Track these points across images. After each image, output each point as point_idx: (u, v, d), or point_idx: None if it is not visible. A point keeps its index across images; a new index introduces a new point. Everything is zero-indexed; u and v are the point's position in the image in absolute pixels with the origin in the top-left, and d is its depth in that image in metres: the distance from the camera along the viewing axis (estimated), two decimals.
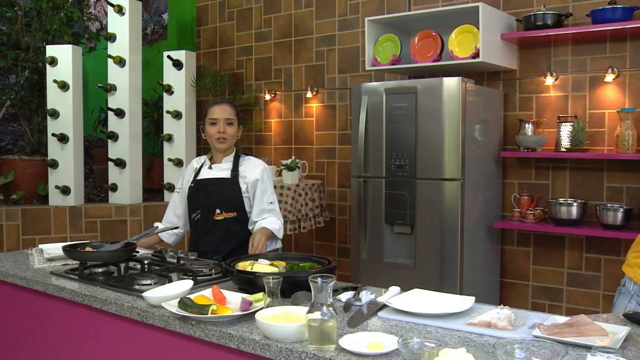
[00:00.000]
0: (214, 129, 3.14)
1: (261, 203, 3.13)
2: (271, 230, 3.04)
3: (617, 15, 3.81)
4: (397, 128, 4.13)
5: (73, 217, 5.17)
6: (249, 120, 5.92)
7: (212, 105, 3.20)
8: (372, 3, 5.14)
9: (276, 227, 3.08)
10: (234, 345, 1.84)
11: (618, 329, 1.79)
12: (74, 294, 2.41)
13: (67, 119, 5.26)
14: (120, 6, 5.41)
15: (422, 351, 1.54)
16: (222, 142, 3.14)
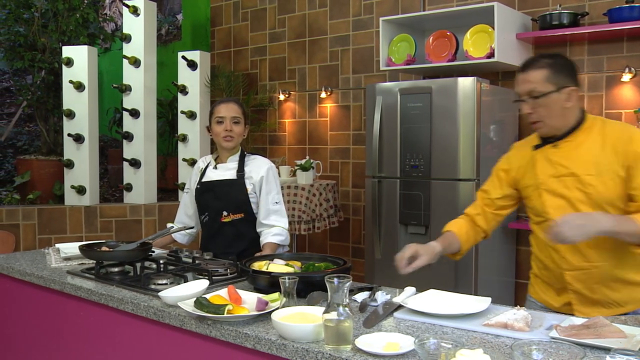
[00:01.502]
0: (220, 127, 3.10)
1: (266, 203, 3.09)
2: (277, 243, 3.04)
3: (635, 14, 3.77)
4: (411, 128, 4.12)
5: (88, 216, 5.20)
6: (263, 120, 5.93)
7: (218, 104, 3.17)
8: (387, 3, 5.14)
9: (282, 238, 3.06)
10: (250, 345, 1.84)
11: (636, 331, 1.77)
12: (91, 293, 2.42)
13: (82, 119, 5.30)
14: (135, 7, 5.44)
15: (439, 352, 1.54)
16: (228, 140, 3.11)
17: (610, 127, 2.25)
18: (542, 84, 2.22)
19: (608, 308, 2.27)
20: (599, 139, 2.23)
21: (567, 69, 2.27)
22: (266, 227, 3.08)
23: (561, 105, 2.23)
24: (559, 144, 2.30)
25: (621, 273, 2.24)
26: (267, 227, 3.07)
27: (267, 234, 3.05)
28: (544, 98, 2.22)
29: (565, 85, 2.23)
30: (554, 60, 2.27)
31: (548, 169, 2.32)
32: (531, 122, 2.31)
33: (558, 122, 2.26)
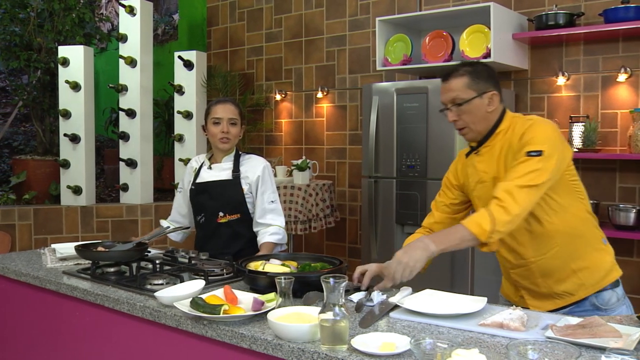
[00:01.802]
0: (217, 128, 3.06)
1: (262, 202, 3.07)
2: (275, 242, 3.03)
3: (630, 15, 3.78)
4: (408, 128, 4.13)
5: (84, 216, 5.20)
6: (259, 120, 5.93)
7: (215, 104, 3.12)
8: (383, 3, 5.14)
9: (279, 237, 3.04)
10: (246, 345, 1.84)
11: (632, 331, 1.77)
12: (86, 294, 2.42)
13: (78, 119, 5.29)
14: (132, 7, 5.44)
15: (435, 352, 1.54)
16: (225, 142, 3.08)
17: (519, 124, 2.29)
18: (464, 91, 2.30)
19: (560, 299, 2.33)
20: (508, 140, 2.29)
21: (486, 75, 2.33)
22: (263, 226, 3.06)
23: (484, 110, 2.30)
24: (480, 150, 2.38)
25: (561, 264, 2.30)
26: (264, 227, 3.06)
27: (264, 233, 3.04)
28: (466, 104, 2.30)
29: (486, 91, 2.30)
30: (473, 67, 2.34)
31: (474, 176, 2.41)
32: (457, 129, 2.38)
33: (482, 126, 2.33)
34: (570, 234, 2.29)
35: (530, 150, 2.17)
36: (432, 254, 2.16)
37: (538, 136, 2.20)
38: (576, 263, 2.29)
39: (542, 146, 2.18)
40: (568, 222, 2.28)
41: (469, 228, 2.14)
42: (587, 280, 2.30)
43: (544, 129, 2.23)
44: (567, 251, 2.29)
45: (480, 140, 2.36)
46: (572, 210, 2.30)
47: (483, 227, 2.12)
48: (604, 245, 2.37)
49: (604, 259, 2.34)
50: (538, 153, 2.16)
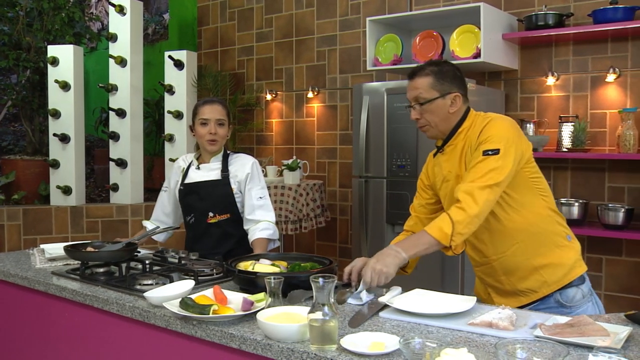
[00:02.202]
0: (204, 129, 3.04)
1: (250, 198, 3.06)
2: (267, 238, 3.01)
3: (619, 15, 3.80)
4: (398, 128, 4.13)
5: (74, 217, 5.17)
6: (250, 120, 5.92)
7: (202, 105, 3.09)
8: (373, 3, 5.14)
9: (270, 232, 3.03)
10: (235, 345, 1.84)
11: (619, 329, 1.78)
12: (75, 294, 2.41)
13: (68, 119, 5.27)
14: (122, 6, 5.42)
15: (424, 351, 1.54)
16: (212, 143, 3.06)
17: (477, 122, 2.33)
18: (427, 90, 2.33)
19: (524, 296, 2.35)
20: (469, 138, 2.32)
21: (452, 75, 2.36)
22: (252, 223, 3.05)
23: (446, 110, 2.34)
24: (444, 149, 2.41)
25: (523, 262, 2.32)
26: (254, 223, 3.04)
27: (254, 230, 3.02)
28: (429, 104, 2.33)
29: (450, 92, 2.33)
30: (439, 67, 2.37)
31: (440, 175, 2.44)
32: (419, 126, 2.41)
33: (444, 126, 2.36)
34: (530, 232, 2.31)
35: (487, 149, 2.21)
36: (403, 260, 2.19)
37: (494, 134, 2.23)
38: (537, 260, 2.32)
39: (498, 144, 2.21)
40: (527, 219, 2.30)
41: (431, 234, 2.17)
42: (550, 277, 2.32)
43: (499, 127, 2.25)
44: (528, 248, 2.32)
45: (445, 139, 2.39)
46: (532, 207, 2.32)
47: (444, 230, 2.15)
48: (568, 242, 2.38)
49: (567, 256, 2.35)
50: (495, 152, 2.19)
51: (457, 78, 2.37)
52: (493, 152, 2.19)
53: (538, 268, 2.32)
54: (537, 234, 2.32)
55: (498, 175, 2.17)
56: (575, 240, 2.41)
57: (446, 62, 2.44)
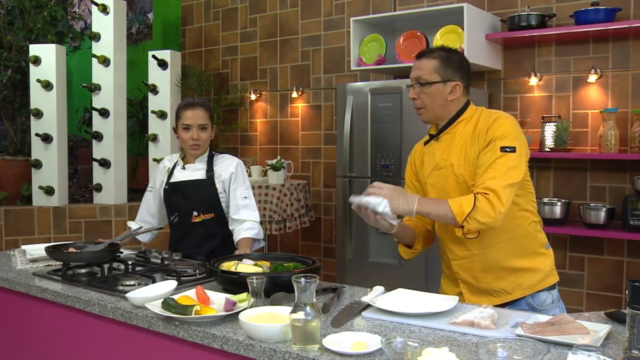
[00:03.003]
0: (187, 134, 3.04)
1: (235, 198, 3.06)
2: (252, 237, 3.01)
3: (600, 17, 3.84)
4: (382, 128, 4.14)
5: (57, 217, 5.13)
6: (234, 120, 5.91)
7: (184, 108, 3.07)
8: (358, 3, 5.15)
9: (255, 232, 3.02)
10: (218, 346, 1.84)
11: (599, 327, 1.80)
12: (57, 295, 2.39)
13: (50, 118, 5.23)
14: (105, 5, 5.38)
15: (406, 351, 1.55)
16: (195, 148, 3.07)
17: (483, 116, 2.34)
18: (430, 73, 2.35)
19: (496, 296, 2.36)
20: (471, 130, 2.33)
21: (457, 65, 2.37)
22: (237, 222, 3.05)
23: (445, 96, 2.35)
24: (440, 137, 2.41)
25: (503, 261, 2.34)
26: (239, 223, 3.04)
27: (239, 230, 3.02)
28: (428, 86, 2.35)
29: (452, 79, 2.34)
30: (448, 54, 2.38)
31: (431, 162, 2.44)
32: (415, 107, 2.43)
33: (440, 112, 2.37)
34: (517, 233, 2.33)
35: (505, 145, 2.21)
36: (409, 211, 2.19)
37: (509, 132, 2.24)
38: (517, 262, 2.34)
39: (514, 142, 2.22)
40: (516, 220, 2.32)
41: (450, 205, 2.17)
42: (526, 281, 2.34)
43: (511, 125, 2.27)
44: (511, 249, 2.33)
45: (442, 127, 2.40)
46: (522, 209, 2.34)
47: (463, 209, 2.15)
48: (546, 250, 2.42)
49: (545, 262, 2.39)
50: (512, 149, 2.20)
51: (462, 68, 2.38)
52: (510, 149, 2.20)
53: (516, 270, 2.34)
54: (522, 236, 2.34)
55: (518, 173, 2.20)
56: (551, 249, 2.45)
57: (455, 51, 2.43)
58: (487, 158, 2.22)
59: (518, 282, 2.34)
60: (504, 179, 2.17)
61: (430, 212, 2.22)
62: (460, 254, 2.41)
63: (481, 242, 2.32)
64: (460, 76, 2.36)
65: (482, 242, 2.32)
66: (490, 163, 2.21)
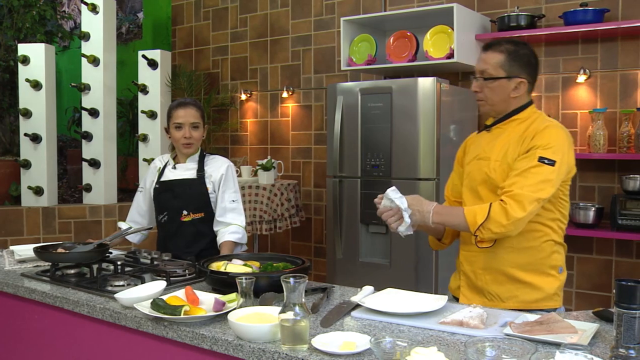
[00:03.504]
0: (179, 133, 3.05)
1: (223, 201, 3.06)
2: (235, 241, 3.01)
3: (589, 17, 3.86)
4: (372, 128, 4.14)
5: (46, 217, 5.11)
6: (225, 120, 5.90)
7: (176, 108, 3.08)
8: (348, 3, 5.15)
9: (239, 236, 3.02)
10: (207, 346, 1.83)
11: (587, 326, 1.81)
12: (45, 296, 2.38)
13: (40, 118, 5.20)
14: (94, 5, 5.36)
15: (394, 350, 1.55)
16: (187, 147, 3.07)
17: (537, 122, 2.30)
18: (495, 68, 2.30)
19: (489, 299, 2.35)
20: (521, 131, 2.29)
21: (525, 61, 2.31)
22: (223, 225, 3.05)
23: (508, 92, 2.30)
24: (492, 129, 2.39)
25: (506, 267, 2.30)
26: (224, 226, 3.04)
27: (224, 232, 3.02)
28: (492, 82, 2.30)
29: (517, 76, 2.29)
30: (516, 48, 2.31)
31: (475, 151, 2.43)
32: (477, 99, 2.40)
33: (500, 107, 2.34)
34: (529, 245, 2.28)
35: (544, 156, 2.16)
36: (425, 223, 2.24)
37: (554, 144, 2.18)
38: (519, 274, 2.29)
39: (555, 156, 2.17)
40: (532, 232, 2.26)
41: (465, 214, 2.18)
42: (523, 295, 2.30)
43: (559, 137, 2.22)
44: (518, 258, 2.29)
45: (496, 121, 2.37)
46: (543, 224, 2.28)
47: (476, 219, 2.15)
48: (557, 273, 2.34)
49: (550, 285, 2.31)
50: (551, 162, 2.15)
51: (529, 65, 2.32)
52: (549, 162, 2.15)
53: (516, 280, 2.29)
54: (534, 250, 2.29)
55: (549, 189, 2.15)
56: (564, 273, 2.37)
57: (526, 45, 2.36)
58: (523, 164, 2.19)
59: (515, 293, 2.30)
60: (531, 191, 2.13)
61: (446, 222, 2.24)
62: (470, 246, 2.36)
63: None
64: (527, 73, 2.31)
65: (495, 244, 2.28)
66: (524, 170, 2.17)
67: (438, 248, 2.64)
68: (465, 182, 2.43)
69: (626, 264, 4.03)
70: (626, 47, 4.00)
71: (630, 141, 3.89)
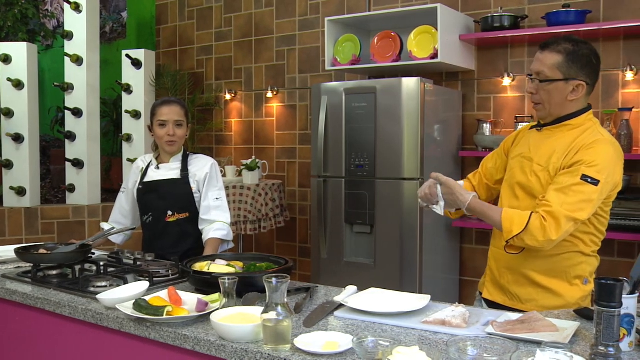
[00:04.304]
0: (163, 131, 3.04)
1: (207, 199, 3.05)
2: (220, 238, 3.00)
3: (571, 18, 3.89)
4: (356, 128, 4.15)
5: (29, 218, 5.07)
6: (209, 120, 5.88)
7: (160, 105, 3.08)
8: (333, 3, 5.15)
9: (224, 233, 3.01)
10: (189, 347, 1.83)
11: (568, 325, 1.82)
12: (26, 297, 2.35)
13: (22, 118, 5.16)
14: (78, 3, 5.33)
15: (377, 350, 1.55)
16: (171, 144, 3.06)
17: (588, 132, 2.20)
18: (552, 69, 2.19)
19: (510, 299, 2.34)
20: (571, 139, 2.20)
21: (584, 62, 2.20)
22: (207, 223, 3.04)
23: (565, 96, 2.20)
24: (543, 130, 2.31)
25: (529, 270, 2.27)
26: (208, 223, 3.03)
27: (208, 230, 3.01)
28: (548, 84, 2.20)
29: (575, 78, 2.19)
30: (575, 48, 2.19)
31: (522, 148, 2.37)
32: (532, 101, 2.30)
33: (556, 110, 2.23)
34: (556, 252, 2.22)
35: (588, 175, 2.08)
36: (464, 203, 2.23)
37: (600, 162, 2.10)
38: (542, 279, 2.26)
39: (600, 175, 2.09)
40: (565, 243, 2.20)
41: (502, 218, 2.15)
42: (542, 300, 2.26)
43: (607, 155, 2.13)
44: (543, 263, 2.25)
45: (550, 122, 2.28)
46: (578, 236, 2.22)
47: (513, 228, 2.11)
48: (581, 284, 2.27)
49: (572, 294, 2.26)
50: (594, 182, 2.08)
51: (590, 66, 2.20)
52: (592, 181, 2.07)
53: (537, 285, 2.26)
54: (560, 258, 2.24)
55: (589, 209, 2.09)
56: (590, 285, 2.27)
57: (586, 44, 2.22)
58: (565, 179, 2.11)
59: (535, 297, 2.27)
60: (570, 210, 2.07)
61: (479, 214, 2.22)
62: (499, 242, 2.32)
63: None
64: (586, 74, 2.20)
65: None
66: (565, 186, 2.09)
67: (455, 216, 2.56)
68: (506, 177, 2.39)
69: (608, 262, 4.06)
70: (608, 48, 4.04)
71: None
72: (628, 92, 4.00)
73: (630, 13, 3.93)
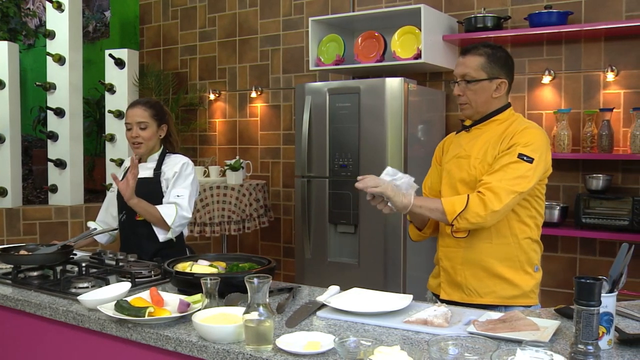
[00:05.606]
0: (128, 133, 3.06)
1: (168, 196, 2.98)
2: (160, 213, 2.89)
3: (553, 19, 3.92)
4: (340, 128, 4.15)
5: (10, 219, 5.02)
6: (193, 120, 5.86)
7: (128, 108, 3.11)
8: (317, 3, 5.16)
9: (168, 213, 2.90)
10: (171, 348, 1.82)
11: (549, 324, 1.84)
12: (6, 299, 2.33)
13: (3, 118, 5.11)
14: (60, 2, 5.28)
15: (358, 350, 1.55)
16: (137, 147, 3.04)
17: (515, 123, 2.38)
18: (476, 70, 2.36)
19: (468, 295, 2.39)
20: (500, 132, 2.36)
21: (503, 62, 2.39)
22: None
23: (490, 93, 2.37)
24: (471, 129, 2.45)
25: (485, 262, 2.35)
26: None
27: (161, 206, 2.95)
28: (474, 84, 2.36)
29: (498, 77, 2.37)
30: (493, 51, 2.39)
31: (454, 150, 2.49)
32: (459, 103, 2.45)
33: (482, 108, 2.40)
34: (508, 241, 2.34)
35: (523, 153, 2.24)
36: (405, 207, 2.24)
37: (533, 142, 2.27)
38: (499, 269, 2.34)
39: (534, 153, 2.25)
40: (511, 228, 2.34)
41: (443, 203, 2.23)
42: (500, 291, 2.35)
43: (538, 137, 2.30)
44: (497, 253, 2.34)
45: (476, 121, 2.43)
46: (523, 222, 2.35)
47: (455, 208, 2.21)
48: (533, 271, 2.39)
49: (526, 282, 2.37)
50: (529, 160, 2.24)
51: (507, 66, 2.40)
52: (528, 159, 2.24)
53: (494, 276, 2.34)
54: (512, 246, 2.35)
55: (526, 184, 2.23)
56: (540, 272, 2.43)
57: (501, 48, 2.43)
58: (503, 160, 2.27)
59: (493, 288, 2.35)
60: (509, 184, 2.20)
61: (423, 206, 2.26)
62: (449, 242, 2.42)
63: (470, 236, 2.34)
64: (506, 74, 2.39)
65: (472, 237, 2.34)
66: (503, 165, 2.25)
67: (418, 239, 2.66)
68: (445, 180, 2.48)
69: (590, 261, 4.10)
70: (589, 49, 4.07)
71: (594, 141, 3.96)
72: (609, 93, 4.03)
73: (611, 14, 3.97)
